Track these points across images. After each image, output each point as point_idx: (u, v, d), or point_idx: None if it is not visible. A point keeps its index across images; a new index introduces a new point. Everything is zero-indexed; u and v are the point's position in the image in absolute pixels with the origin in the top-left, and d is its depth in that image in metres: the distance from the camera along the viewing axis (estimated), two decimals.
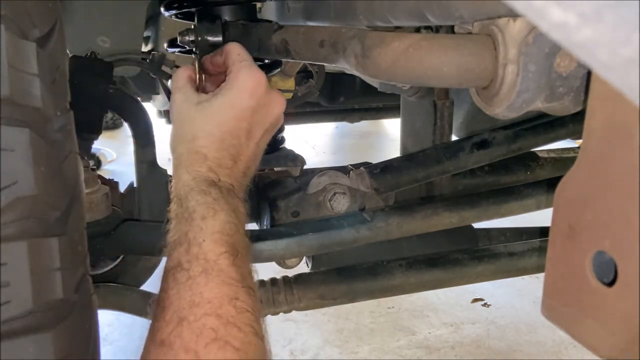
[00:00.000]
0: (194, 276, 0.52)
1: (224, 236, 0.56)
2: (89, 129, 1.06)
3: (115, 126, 4.36)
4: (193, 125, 0.66)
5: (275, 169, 1.20)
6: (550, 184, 1.14)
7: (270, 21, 1.04)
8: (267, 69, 1.13)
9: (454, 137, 1.27)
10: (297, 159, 1.20)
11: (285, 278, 1.04)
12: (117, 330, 1.75)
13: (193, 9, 1.00)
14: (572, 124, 1.21)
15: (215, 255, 0.54)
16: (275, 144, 1.22)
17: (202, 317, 0.49)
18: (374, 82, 1.41)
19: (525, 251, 1.12)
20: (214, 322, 0.49)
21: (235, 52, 0.71)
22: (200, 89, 0.76)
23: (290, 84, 1.48)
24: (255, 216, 1.16)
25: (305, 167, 1.21)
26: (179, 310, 0.50)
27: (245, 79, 0.67)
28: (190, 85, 0.72)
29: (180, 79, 0.72)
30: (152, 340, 0.50)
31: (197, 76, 0.77)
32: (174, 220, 0.60)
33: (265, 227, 1.09)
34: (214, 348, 0.47)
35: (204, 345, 0.47)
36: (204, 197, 0.59)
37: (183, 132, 0.67)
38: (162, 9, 1.05)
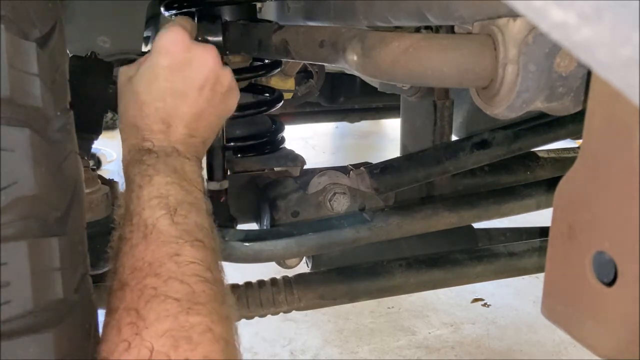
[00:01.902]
0: (135, 244, 0.54)
1: (162, 199, 0.57)
2: (89, 129, 1.06)
3: (115, 126, 4.34)
4: (124, 97, 0.67)
5: (275, 169, 1.20)
6: (550, 184, 1.14)
7: (270, 21, 1.03)
8: (266, 68, 1.13)
9: (454, 137, 1.27)
10: (297, 159, 1.20)
11: (285, 278, 1.04)
12: None
13: (193, 9, 1.00)
14: (572, 124, 1.21)
15: (153, 219, 0.55)
16: (275, 144, 1.22)
17: (142, 279, 0.50)
18: (374, 82, 1.41)
19: (525, 251, 1.12)
20: (154, 281, 0.50)
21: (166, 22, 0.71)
22: None
23: (290, 84, 1.48)
24: (255, 216, 1.16)
25: (305, 167, 1.21)
26: (121, 278, 0.52)
27: (159, 39, 0.66)
28: (133, 65, 0.70)
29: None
30: (105, 312, 0.52)
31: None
32: (120, 196, 0.62)
33: (265, 227, 1.09)
34: (154, 304, 0.48)
35: (145, 302, 0.48)
36: (139, 167, 0.60)
37: (120, 107, 0.68)
38: (162, 9, 1.06)
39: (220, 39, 0.94)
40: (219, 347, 0.48)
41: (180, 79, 0.65)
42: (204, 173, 1.03)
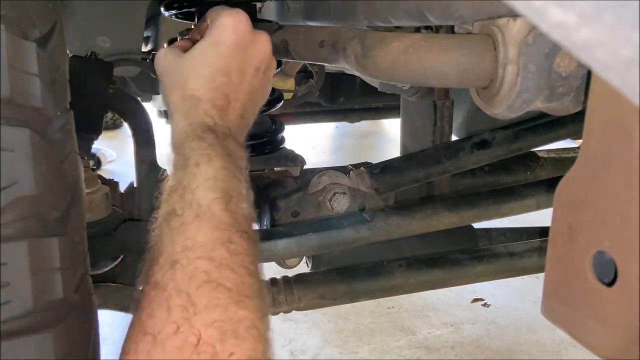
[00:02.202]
0: (187, 222, 0.52)
1: (218, 182, 0.56)
2: (89, 129, 1.06)
3: (115, 126, 4.36)
4: (182, 71, 0.66)
5: (275, 169, 1.20)
6: (550, 184, 1.14)
7: (270, 21, 1.03)
8: None
9: (454, 137, 1.27)
10: (297, 159, 1.20)
11: (285, 278, 1.04)
12: (117, 330, 1.75)
13: (193, 9, 1.00)
14: (572, 124, 1.21)
15: (207, 201, 0.54)
16: (275, 144, 1.22)
17: (194, 260, 0.49)
18: (374, 82, 1.41)
19: (525, 251, 1.12)
20: (206, 265, 0.49)
21: (214, 8, 0.71)
22: None
23: (290, 84, 1.48)
24: (255, 216, 1.16)
25: (305, 167, 1.21)
26: (172, 254, 0.50)
27: (225, 17, 0.67)
28: (174, 46, 0.72)
29: (164, 47, 0.73)
30: (147, 282, 0.50)
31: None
32: (172, 167, 0.60)
33: (265, 227, 1.09)
34: (206, 290, 0.47)
35: (197, 287, 0.47)
36: (198, 144, 0.59)
37: (174, 81, 0.67)
38: (162, 9, 1.05)
39: None
40: (261, 346, 0.47)
41: (244, 58, 0.67)
42: None
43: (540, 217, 1.08)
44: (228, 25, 0.67)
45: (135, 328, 0.47)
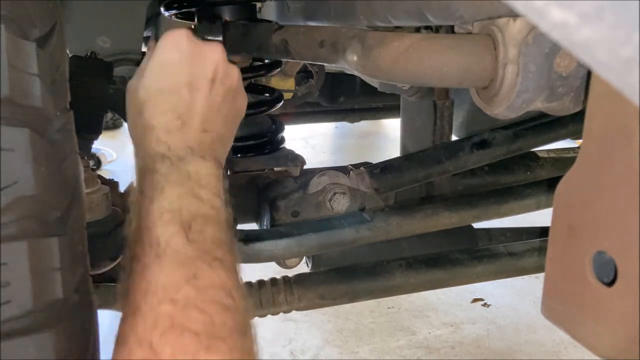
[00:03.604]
0: (148, 264, 0.49)
1: (175, 214, 0.52)
2: (89, 129, 1.06)
3: (115, 126, 4.36)
4: (137, 102, 0.64)
5: (275, 169, 1.20)
6: (550, 184, 1.14)
7: (270, 21, 1.04)
8: (266, 68, 1.13)
9: (454, 137, 1.27)
10: (297, 159, 1.20)
11: (285, 278, 1.04)
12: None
13: (193, 9, 1.00)
14: (572, 124, 1.21)
15: (166, 237, 0.50)
16: (275, 144, 1.22)
17: (156, 305, 0.45)
18: (373, 82, 1.41)
19: (525, 251, 1.12)
20: (169, 309, 0.45)
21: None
22: None
23: (290, 84, 1.48)
24: (255, 216, 1.16)
25: (305, 167, 1.21)
26: (134, 302, 0.47)
27: (163, 38, 0.66)
28: (135, 76, 0.69)
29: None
30: (115, 340, 0.47)
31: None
32: (132, 207, 0.57)
33: (265, 227, 1.09)
34: (170, 337, 0.43)
35: (160, 335, 0.43)
36: (150, 177, 0.56)
37: (132, 113, 0.65)
38: (162, 9, 1.06)
39: (220, 39, 0.94)
40: None
41: (192, 73, 0.64)
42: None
43: (540, 217, 1.08)
44: (166, 45, 0.65)
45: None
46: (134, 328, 0.45)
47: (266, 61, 1.12)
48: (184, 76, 0.64)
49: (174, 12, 1.04)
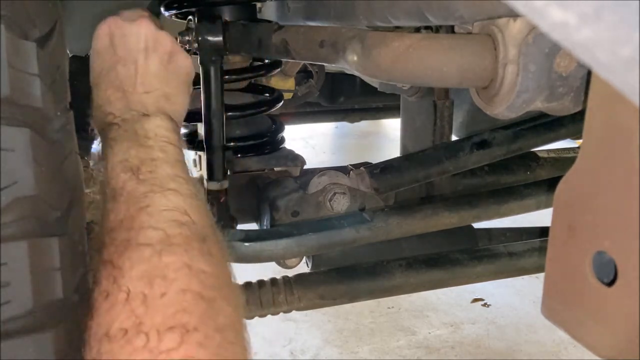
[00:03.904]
0: (109, 210, 0.55)
1: (125, 163, 0.58)
2: (89, 129, 1.06)
3: None
4: (92, 93, 0.72)
5: (275, 169, 1.20)
6: (550, 184, 1.14)
7: (270, 21, 1.03)
8: (266, 68, 1.13)
9: (454, 137, 1.27)
10: (297, 159, 1.20)
11: (285, 278, 1.04)
12: None
13: (193, 9, 1.00)
14: (572, 124, 1.21)
15: (120, 184, 0.57)
16: (275, 144, 1.22)
17: (117, 235, 0.52)
18: (374, 82, 1.41)
19: (525, 251, 1.12)
20: (127, 234, 0.51)
21: None
22: None
23: (290, 84, 1.48)
24: (255, 216, 1.16)
25: (305, 167, 1.21)
26: (100, 242, 0.53)
27: (96, 30, 0.73)
28: None
29: None
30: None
31: None
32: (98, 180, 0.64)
33: (265, 227, 1.09)
34: (126, 253, 0.49)
35: (118, 255, 0.50)
36: (105, 144, 0.63)
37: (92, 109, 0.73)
38: (162, 9, 1.05)
39: (220, 39, 0.94)
40: (197, 280, 0.48)
41: (123, 48, 0.71)
42: (204, 172, 1.03)
43: (540, 217, 1.08)
44: (97, 35, 0.73)
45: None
46: (101, 258, 0.51)
47: (266, 61, 1.12)
48: (117, 56, 0.71)
49: (174, 12, 1.04)
